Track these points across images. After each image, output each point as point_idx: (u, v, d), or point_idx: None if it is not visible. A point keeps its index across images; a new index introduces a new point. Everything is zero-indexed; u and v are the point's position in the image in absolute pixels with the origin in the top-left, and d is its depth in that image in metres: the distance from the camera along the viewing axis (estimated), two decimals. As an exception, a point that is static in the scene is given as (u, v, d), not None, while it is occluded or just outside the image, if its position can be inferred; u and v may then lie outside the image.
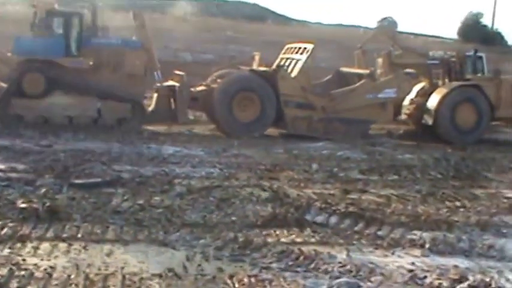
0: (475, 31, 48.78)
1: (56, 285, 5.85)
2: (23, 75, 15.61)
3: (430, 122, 17.32)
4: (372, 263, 7.00)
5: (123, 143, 13.78)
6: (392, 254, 7.44)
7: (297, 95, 16.56)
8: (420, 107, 17.64)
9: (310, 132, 16.44)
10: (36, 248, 6.82)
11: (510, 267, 7.19)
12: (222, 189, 9.89)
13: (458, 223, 8.81)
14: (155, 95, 16.75)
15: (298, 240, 7.70)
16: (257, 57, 18.37)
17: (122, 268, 6.35)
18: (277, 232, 7.94)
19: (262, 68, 17.33)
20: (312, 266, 6.77)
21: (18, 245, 6.90)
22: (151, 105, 16.97)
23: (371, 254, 7.36)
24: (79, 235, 7.33)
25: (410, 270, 6.81)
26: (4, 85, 15.92)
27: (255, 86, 16.46)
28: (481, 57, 18.84)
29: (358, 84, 17.11)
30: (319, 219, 8.62)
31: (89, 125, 15.66)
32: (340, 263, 6.92)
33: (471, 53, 18.80)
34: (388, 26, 19.21)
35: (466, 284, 6.23)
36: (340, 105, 16.80)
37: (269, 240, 7.60)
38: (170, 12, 40.61)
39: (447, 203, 9.98)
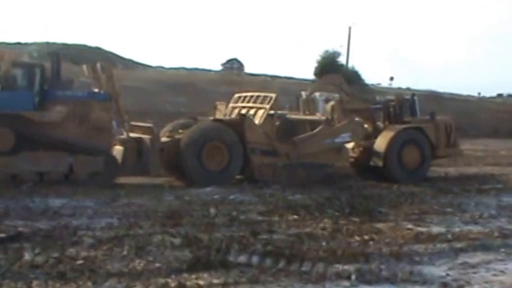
0: (331, 70, 51.66)
1: None
2: None
3: (380, 163, 19.03)
4: (310, 296, 7.65)
5: (4, 198, 13.57)
6: (324, 286, 8.14)
7: (263, 142, 17.84)
8: (366, 150, 19.27)
9: (275, 179, 17.45)
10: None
11: (435, 289, 8.14)
12: (131, 238, 10.19)
13: (374, 254, 9.71)
14: (120, 148, 16.89)
15: (230, 280, 8.20)
16: (220, 107, 19.40)
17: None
18: (205, 275, 8.40)
19: (226, 118, 18.47)
20: (256, 303, 7.30)
21: None
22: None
23: (305, 288, 8.01)
24: (6, 292, 7.39)
25: (349, 300, 7.52)
26: None
27: (222, 135, 17.42)
28: (414, 101, 21.17)
29: (316, 130, 18.55)
30: (242, 259, 9.15)
31: (60, 181, 15.58)
32: (280, 298, 7.51)
33: (409, 97, 21.31)
34: (335, 75, 20.62)
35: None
36: (301, 151, 18.11)
37: (201, 283, 8.05)
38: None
39: (356, 237, 10.89)
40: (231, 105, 19.62)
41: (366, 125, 20.21)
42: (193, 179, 17.00)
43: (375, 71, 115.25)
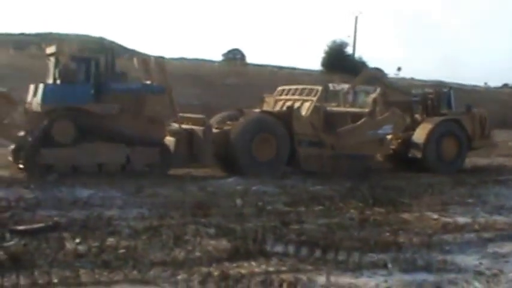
0: (339, 61, 51.90)
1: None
2: (52, 123, 15.86)
3: (418, 155, 19.67)
4: (351, 283, 7.93)
5: (33, 189, 13.84)
6: (362, 275, 8.40)
7: (309, 134, 18.43)
8: (405, 142, 19.84)
9: (321, 169, 18.03)
10: (20, 296, 7.10)
11: (470, 277, 8.41)
12: (167, 228, 10.45)
13: (405, 244, 9.99)
14: (172, 139, 17.41)
15: (271, 269, 8.47)
16: (267, 99, 19.96)
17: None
18: (246, 264, 8.68)
19: (275, 110, 19.00)
20: (300, 290, 7.58)
21: (-1, 294, 7.14)
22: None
23: (344, 276, 8.28)
24: (55, 280, 7.64)
25: (388, 287, 7.79)
26: (22, 133, 16.48)
27: (271, 127, 17.95)
28: (450, 94, 21.86)
29: (360, 122, 19.07)
30: (278, 249, 9.44)
31: (118, 172, 16.18)
32: (323, 285, 7.79)
33: (446, 89, 22.04)
34: (375, 69, 21.06)
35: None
36: (346, 142, 18.65)
37: (243, 271, 8.30)
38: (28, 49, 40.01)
39: (385, 227, 11.16)
40: (275, 97, 20.12)
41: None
42: (243, 169, 17.45)
43: (382, 61, 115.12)
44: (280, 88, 20.57)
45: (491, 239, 10.67)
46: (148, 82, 17.69)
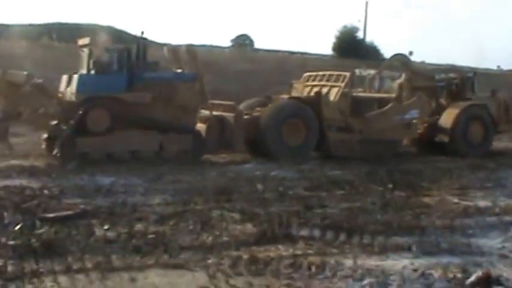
0: (350, 46, 51.80)
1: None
2: (87, 112, 16.28)
3: (446, 139, 20.06)
4: (378, 266, 8.10)
5: (54, 178, 14.05)
6: (387, 258, 8.57)
7: (338, 119, 18.74)
8: (431, 126, 20.15)
9: (350, 154, 18.32)
10: (56, 282, 7.28)
11: (494, 260, 8.57)
12: (192, 214, 10.66)
13: (428, 227, 10.14)
14: (203, 125, 17.80)
15: (298, 252, 8.66)
16: (296, 85, 20.29)
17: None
18: (273, 248, 8.87)
19: (303, 96, 19.37)
20: (330, 273, 7.76)
21: (36, 280, 7.32)
22: None
23: (370, 259, 8.46)
24: (89, 266, 7.85)
25: (415, 270, 7.96)
26: (54, 123, 16.97)
27: (300, 113, 18.29)
28: (474, 78, 22.08)
29: (387, 107, 19.35)
30: (304, 233, 9.63)
31: (151, 159, 16.53)
32: (350, 268, 7.96)
33: (471, 74, 22.28)
34: (400, 54, 21.65)
35: (474, 276, 7.45)
36: (374, 127, 18.95)
37: (272, 255, 8.49)
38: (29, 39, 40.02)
39: (407, 211, 11.33)
40: (303, 83, 20.45)
41: None
42: (273, 154, 17.74)
43: (393, 46, 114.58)
44: (306, 74, 20.90)
45: (512, 222, 10.82)
46: (179, 70, 17.98)
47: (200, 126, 17.92)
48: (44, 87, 17.29)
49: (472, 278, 7.39)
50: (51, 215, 10.14)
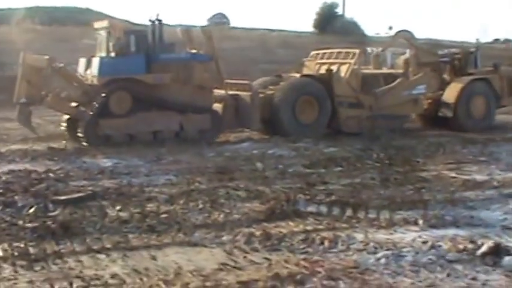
0: (331, 22, 51.99)
1: None
2: (110, 95, 16.68)
3: (449, 114, 20.36)
4: (388, 239, 8.38)
5: (57, 161, 14.18)
6: (395, 231, 8.85)
7: (349, 95, 19.14)
8: (434, 101, 20.58)
9: (360, 130, 18.77)
10: (79, 261, 7.48)
11: (498, 231, 8.86)
12: (199, 193, 10.89)
13: (430, 201, 10.44)
14: (219, 105, 18.23)
15: (309, 228, 8.92)
16: (307, 63, 20.68)
17: (180, 268, 7.22)
18: (283, 224, 9.13)
19: (316, 73, 19.75)
20: (343, 247, 8.03)
21: (59, 261, 7.52)
22: None
23: (379, 233, 8.73)
24: (108, 245, 8.06)
25: (424, 242, 8.24)
26: (74, 105, 17.34)
27: (313, 90, 18.71)
28: (477, 54, 22.34)
29: (395, 82, 19.74)
30: (311, 209, 9.91)
31: (172, 139, 16.91)
32: (362, 242, 8.24)
33: (473, 49, 22.53)
34: (404, 31, 21.88)
35: (485, 246, 7.75)
36: (383, 103, 19.36)
37: (284, 231, 8.75)
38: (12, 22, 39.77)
39: (408, 186, 11.62)
40: (312, 61, 20.92)
41: None
42: (287, 131, 18.12)
43: (372, 21, 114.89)
44: (314, 52, 21.34)
45: (511, 195, 11.13)
46: (193, 51, 18.18)
47: (216, 106, 18.28)
48: (66, 71, 17.59)
49: (483, 249, 7.68)
50: (63, 197, 10.32)
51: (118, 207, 9.85)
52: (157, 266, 7.32)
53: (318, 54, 21.08)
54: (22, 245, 8.01)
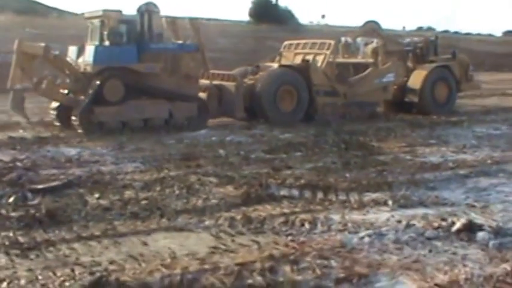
0: (266, 11, 52.44)
1: (141, 273, 6.82)
2: (104, 83, 16.98)
3: (415, 99, 21.62)
4: (364, 219, 8.76)
5: (20, 150, 14.05)
6: (368, 212, 9.25)
7: (325, 84, 19.91)
8: (400, 88, 21.67)
9: (335, 116, 19.56)
10: (72, 249, 7.57)
11: (465, 209, 9.36)
12: (172, 179, 11.05)
13: (394, 183, 10.89)
14: (203, 94, 18.81)
15: (286, 211, 9.22)
16: (285, 54, 21.36)
17: (174, 253, 7.40)
18: (260, 207, 9.41)
19: (294, 63, 20.38)
20: (324, 228, 8.37)
21: (52, 248, 7.59)
22: None
23: (353, 214, 9.11)
24: (97, 233, 8.16)
25: (399, 221, 8.65)
26: (67, 94, 17.76)
27: (292, 80, 19.42)
28: (437, 42, 23.75)
29: (367, 71, 20.72)
30: (284, 192, 10.21)
31: (161, 126, 17.41)
32: (340, 223, 8.59)
33: (433, 38, 23.82)
34: (372, 22, 23.05)
35: (460, 222, 8.22)
36: (356, 91, 20.37)
37: (263, 214, 9.02)
38: None
39: (369, 169, 12.05)
40: (291, 52, 21.69)
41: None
42: (269, 119, 18.86)
43: (305, 9, 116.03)
44: (287, 42, 22.21)
45: (467, 175, 11.68)
46: (179, 41, 18.69)
47: (200, 95, 18.79)
48: (61, 59, 17.68)
49: (457, 226, 8.14)
50: (40, 186, 10.32)
51: (96, 195, 9.94)
52: (151, 252, 7.47)
53: (291, 44, 21.90)
54: (11, 234, 8.03)
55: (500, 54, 55.68)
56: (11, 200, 9.54)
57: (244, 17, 57.09)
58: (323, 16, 75.31)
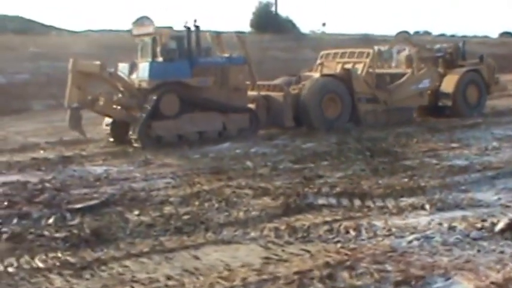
0: (267, 21, 52.58)
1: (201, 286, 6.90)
2: (161, 97, 17.48)
3: (449, 103, 22.18)
4: (406, 224, 8.86)
5: (45, 171, 14.11)
6: (407, 217, 9.33)
7: (366, 92, 20.48)
8: (433, 93, 22.19)
9: (376, 123, 20.24)
10: (125, 266, 7.64)
11: (500, 209, 9.48)
12: (207, 193, 11.13)
13: (427, 187, 10.98)
14: (252, 105, 19.28)
15: (328, 219, 9.30)
16: (327, 63, 21.71)
17: (228, 265, 7.48)
18: (301, 217, 9.50)
19: (336, 72, 20.87)
20: (370, 234, 8.45)
21: (104, 267, 7.65)
22: None
23: (394, 219, 9.20)
24: (146, 249, 8.23)
25: (440, 224, 8.74)
26: (122, 110, 18.06)
27: (335, 88, 19.96)
28: (464, 47, 24.32)
29: (404, 78, 21.50)
30: (322, 201, 10.30)
31: (215, 138, 17.91)
32: (384, 228, 8.68)
33: (461, 44, 24.46)
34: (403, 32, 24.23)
35: (502, 222, 8.32)
36: (395, 97, 20.98)
37: (305, 223, 9.11)
38: None
39: (400, 174, 12.14)
40: (333, 61, 21.98)
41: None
42: (315, 126, 19.35)
43: (306, 18, 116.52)
44: (324, 52, 22.64)
45: (495, 176, 11.79)
46: (226, 55, 19.14)
47: (249, 106, 19.23)
48: (117, 76, 18.05)
49: (500, 226, 8.24)
50: (78, 206, 10.39)
51: (136, 212, 10.01)
52: (204, 265, 7.54)
53: (329, 54, 22.36)
54: (59, 255, 8.09)
55: (500, 55, 55.75)
56: (50, 221, 9.61)
57: (246, 27, 57.08)
58: (324, 24, 75.12)
